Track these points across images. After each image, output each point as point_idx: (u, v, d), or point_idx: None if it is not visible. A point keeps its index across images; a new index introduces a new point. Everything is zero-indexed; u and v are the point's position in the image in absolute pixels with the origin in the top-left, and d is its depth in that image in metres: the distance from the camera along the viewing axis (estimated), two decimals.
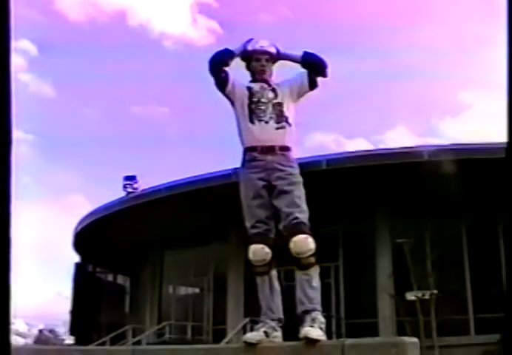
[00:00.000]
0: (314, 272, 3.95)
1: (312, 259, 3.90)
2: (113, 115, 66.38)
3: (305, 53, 4.43)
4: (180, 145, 68.25)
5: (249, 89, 4.41)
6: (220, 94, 4.40)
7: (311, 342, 3.35)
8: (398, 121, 70.79)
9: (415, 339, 3.27)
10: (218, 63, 4.40)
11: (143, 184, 23.53)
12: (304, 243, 3.84)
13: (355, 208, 19.05)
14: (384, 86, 61.06)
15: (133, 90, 61.72)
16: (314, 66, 4.39)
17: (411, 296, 18.19)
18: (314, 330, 3.49)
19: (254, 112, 4.29)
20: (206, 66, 4.33)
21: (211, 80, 4.36)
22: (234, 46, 4.40)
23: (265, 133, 4.20)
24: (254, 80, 4.50)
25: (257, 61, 4.45)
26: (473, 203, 16.88)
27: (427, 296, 17.69)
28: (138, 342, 18.90)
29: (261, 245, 3.99)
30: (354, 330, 18.04)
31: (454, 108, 60.24)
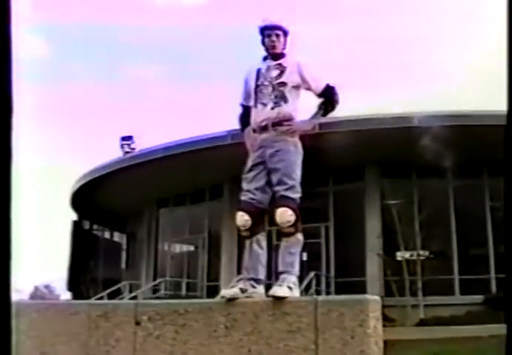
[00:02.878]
0: (295, 240, 4.29)
1: (292, 229, 4.23)
2: (108, 74, 66.17)
3: (327, 88, 4.59)
4: (177, 105, 68.30)
5: (258, 71, 4.66)
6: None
7: (278, 299, 3.81)
8: (387, 85, 70.85)
9: (377, 297, 3.75)
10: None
11: (140, 144, 23.89)
12: (283, 215, 4.19)
13: (346, 170, 19.49)
14: (378, 51, 61.11)
15: (127, 48, 61.51)
16: (326, 103, 4.61)
17: (398, 256, 18.70)
18: (280, 289, 3.92)
19: (257, 95, 4.59)
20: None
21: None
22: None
23: (262, 114, 4.50)
24: (265, 58, 4.72)
25: (268, 36, 4.65)
26: (460, 165, 17.27)
27: (414, 257, 18.19)
28: (134, 298, 19.33)
29: (241, 213, 4.35)
30: (343, 289, 18.51)
31: (439, 73, 60.31)
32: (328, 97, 4.59)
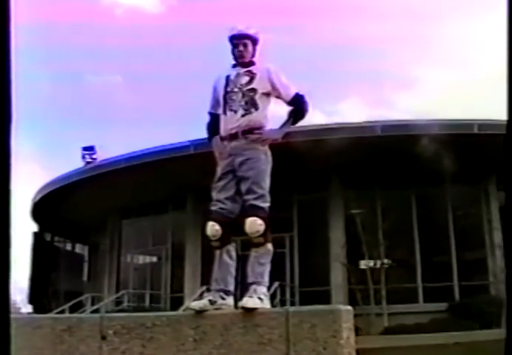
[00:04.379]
0: (264, 250, 4.24)
1: (261, 240, 4.19)
2: (67, 84, 65.45)
3: (296, 96, 4.55)
4: (137, 116, 67.87)
5: (227, 78, 4.61)
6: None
7: (248, 310, 3.76)
8: (351, 93, 71.20)
9: (349, 307, 3.71)
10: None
11: (102, 155, 23.65)
12: (253, 225, 4.15)
13: (310, 181, 19.46)
14: (337, 57, 61.42)
15: (86, 59, 60.99)
16: (296, 111, 4.56)
17: (362, 265, 18.78)
18: (250, 300, 3.87)
19: (227, 102, 4.53)
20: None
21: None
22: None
23: (232, 122, 4.44)
24: (234, 65, 4.67)
25: (236, 46, 4.60)
26: (422, 175, 17.44)
27: (378, 265, 18.28)
28: (97, 310, 19.09)
29: (212, 223, 4.30)
30: (307, 298, 18.52)
31: (406, 81, 60.80)
32: (298, 106, 4.55)
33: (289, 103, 4.55)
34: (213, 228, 4.29)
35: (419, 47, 59.11)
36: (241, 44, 4.60)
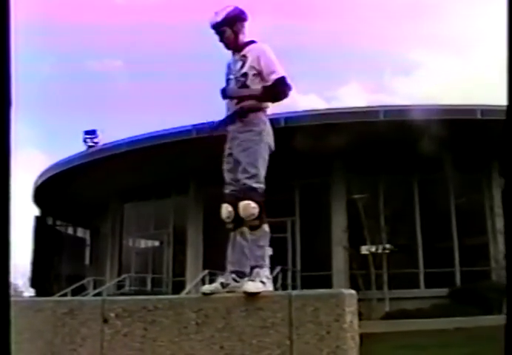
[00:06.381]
0: (261, 232, 4.23)
1: (257, 222, 4.18)
2: (68, 69, 65.30)
3: (278, 80, 4.35)
4: (139, 99, 67.71)
5: (228, 66, 4.62)
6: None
7: (250, 294, 3.74)
8: (350, 78, 71.01)
9: (353, 291, 3.69)
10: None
11: (103, 139, 23.62)
12: (247, 209, 4.14)
13: (312, 165, 19.41)
14: (335, 42, 61.11)
15: (86, 44, 60.81)
16: (270, 93, 4.39)
17: (364, 250, 18.78)
18: (252, 284, 3.85)
19: None
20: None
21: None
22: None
23: (231, 107, 4.46)
24: (233, 52, 4.60)
25: (217, 36, 4.56)
26: (425, 161, 17.36)
27: (379, 251, 18.28)
28: (99, 294, 19.12)
29: (225, 205, 4.30)
30: (309, 283, 18.53)
31: (406, 66, 60.53)
32: (274, 90, 4.36)
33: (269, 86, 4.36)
34: (227, 210, 4.28)
35: (420, 33, 58.82)
36: (218, 34, 4.55)
